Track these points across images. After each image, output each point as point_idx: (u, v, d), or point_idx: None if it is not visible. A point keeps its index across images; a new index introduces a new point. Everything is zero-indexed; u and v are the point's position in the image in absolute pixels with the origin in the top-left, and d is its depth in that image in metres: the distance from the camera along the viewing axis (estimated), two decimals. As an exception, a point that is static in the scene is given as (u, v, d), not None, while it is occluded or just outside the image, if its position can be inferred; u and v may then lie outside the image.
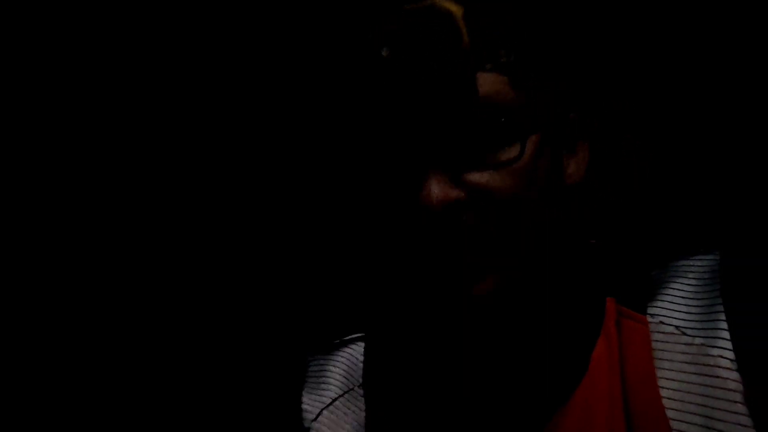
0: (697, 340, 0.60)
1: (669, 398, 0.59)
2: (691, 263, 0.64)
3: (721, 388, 0.57)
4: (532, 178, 0.59)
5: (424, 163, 0.57)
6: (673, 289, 0.63)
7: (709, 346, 0.59)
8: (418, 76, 0.56)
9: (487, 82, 0.57)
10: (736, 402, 0.56)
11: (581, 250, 0.68)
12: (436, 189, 0.56)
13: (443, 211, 0.56)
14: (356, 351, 0.71)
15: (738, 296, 0.60)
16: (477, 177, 0.57)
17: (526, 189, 0.58)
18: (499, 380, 0.62)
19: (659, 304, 0.63)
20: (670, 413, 0.58)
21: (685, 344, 0.60)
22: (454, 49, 0.56)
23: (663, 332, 0.61)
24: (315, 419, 0.67)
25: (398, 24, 0.57)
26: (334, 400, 0.68)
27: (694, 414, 0.57)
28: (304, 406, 0.68)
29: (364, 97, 0.58)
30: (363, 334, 0.72)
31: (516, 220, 0.58)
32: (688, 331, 0.60)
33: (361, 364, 0.70)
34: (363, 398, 0.67)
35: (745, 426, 0.56)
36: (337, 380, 0.69)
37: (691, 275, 0.63)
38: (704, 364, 0.58)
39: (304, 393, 0.69)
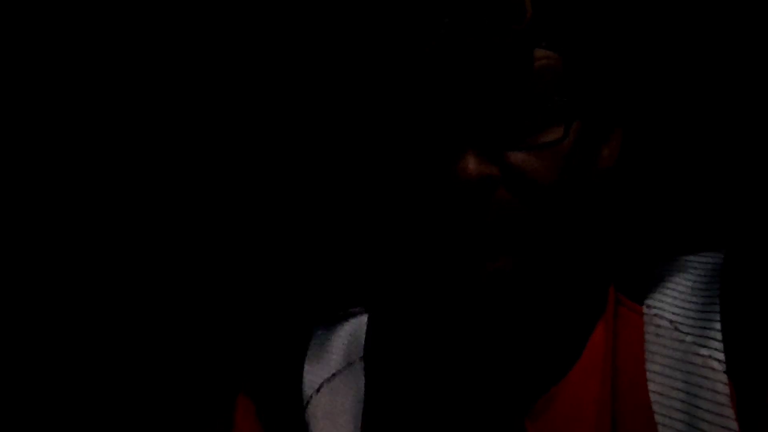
0: (689, 338, 0.60)
1: (655, 392, 0.59)
2: (696, 259, 0.64)
3: (709, 389, 0.57)
4: (570, 164, 0.58)
5: (465, 135, 0.56)
6: (674, 283, 0.63)
7: (699, 345, 0.59)
8: (478, 45, 0.54)
9: (542, 57, 0.56)
10: (722, 405, 0.57)
11: (597, 236, 0.68)
12: (474, 162, 0.55)
13: (478, 184, 0.55)
14: (359, 322, 0.72)
15: (735, 299, 0.59)
16: (516, 156, 0.56)
17: (562, 174, 0.57)
18: (499, 357, 0.63)
19: (657, 296, 0.63)
20: (655, 406, 0.59)
21: (676, 340, 0.60)
22: (518, 20, 0.54)
23: (656, 325, 0.62)
24: (315, 392, 0.68)
25: None
26: (335, 374, 0.69)
27: (679, 411, 0.58)
28: (305, 377, 0.69)
29: (417, 66, 0.56)
30: (367, 306, 0.73)
31: (547, 204, 0.57)
32: (681, 327, 0.60)
33: (363, 336, 0.71)
34: (363, 372, 0.69)
35: (731, 430, 0.56)
36: (339, 352, 0.70)
37: (693, 271, 0.63)
38: (693, 363, 0.59)
39: (306, 363, 0.70)
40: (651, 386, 0.59)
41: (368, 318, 0.72)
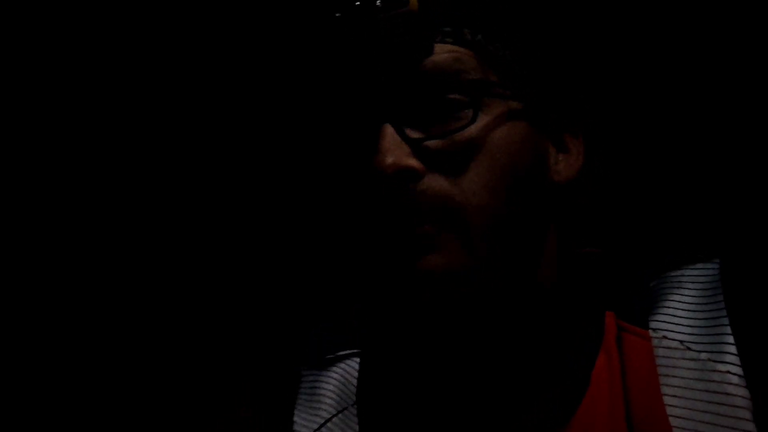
0: (703, 355, 0.58)
1: (675, 416, 0.56)
2: (691, 273, 0.62)
3: (729, 405, 0.55)
4: (492, 153, 0.57)
5: (378, 126, 0.56)
6: (674, 301, 0.61)
7: (715, 362, 0.57)
8: (367, 39, 0.56)
9: (444, 51, 0.57)
10: (744, 419, 0.54)
11: (577, 259, 0.66)
12: (390, 155, 0.55)
13: (395, 177, 0.55)
14: (350, 367, 0.68)
15: (743, 307, 0.58)
16: (430, 144, 0.56)
17: (481, 161, 0.56)
18: (495, 399, 0.60)
19: (661, 317, 0.61)
20: (677, 431, 0.56)
21: (690, 359, 0.58)
22: (403, 15, 0.56)
23: (667, 347, 0.59)
24: None
25: None
26: (328, 420, 0.65)
27: None
28: (296, 426, 0.65)
29: (319, 60, 0.58)
30: (358, 350, 0.70)
31: (467, 193, 0.56)
32: (693, 346, 0.58)
33: (355, 381, 0.67)
34: (357, 418, 0.65)
35: None
36: (331, 398, 0.66)
37: (692, 285, 0.61)
38: (711, 380, 0.56)
39: (296, 410, 0.66)
40: (670, 410, 0.57)
41: (360, 361, 0.69)
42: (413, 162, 0.55)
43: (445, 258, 0.55)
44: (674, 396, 0.57)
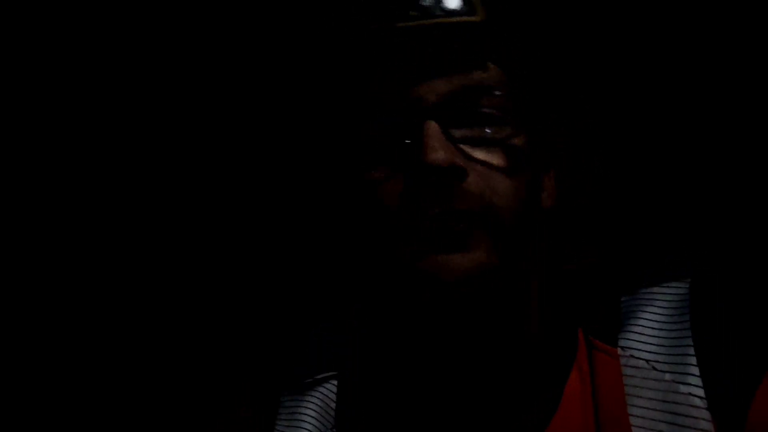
0: (667, 376, 0.59)
1: None
2: (662, 291, 0.63)
3: (693, 428, 0.56)
4: (517, 169, 0.59)
5: (421, 123, 0.58)
6: (643, 319, 0.62)
7: (678, 383, 0.58)
8: (426, 38, 0.58)
9: (491, 68, 0.60)
10: None
11: (555, 277, 0.67)
12: (441, 151, 0.57)
13: (447, 171, 0.56)
14: (328, 391, 0.70)
15: (707, 328, 0.58)
16: (470, 147, 0.59)
17: (509, 174, 0.59)
18: (476, 408, 0.61)
19: (629, 336, 0.62)
20: None
21: (655, 380, 0.59)
22: (465, 24, 0.59)
23: (634, 366, 0.60)
24: None
25: None
26: None
27: None
28: None
29: (378, 57, 0.59)
30: (335, 373, 0.71)
31: (502, 198, 0.58)
32: (658, 366, 0.59)
33: (333, 405, 0.68)
34: None
35: None
36: (310, 423, 0.68)
37: (661, 304, 0.62)
38: (674, 402, 0.57)
39: None
40: (635, 430, 0.58)
41: (338, 384, 0.70)
42: (460, 160, 0.58)
43: (477, 256, 0.57)
44: (639, 416, 0.58)
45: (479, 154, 0.59)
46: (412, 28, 0.58)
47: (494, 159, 0.59)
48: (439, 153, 0.56)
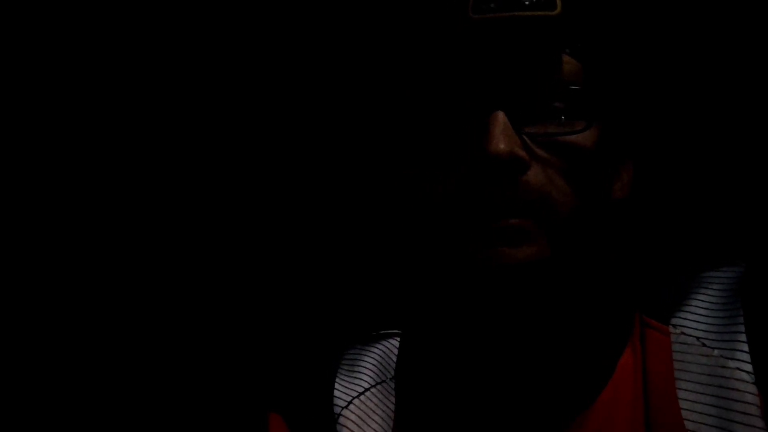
0: (716, 352, 0.60)
1: (687, 409, 0.59)
2: (717, 274, 0.65)
3: (739, 401, 0.58)
4: (583, 162, 0.60)
5: (489, 113, 0.58)
6: (697, 299, 0.64)
7: (727, 358, 0.60)
8: (501, 29, 0.58)
9: (565, 61, 0.60)
10: (752, 415, 0.57)
11: (619, 261, 0.70)
12: (505, 142, 0.57)
13: (508, 164, 0.57)
14: (391, 345, 0.73)
15: (759, 309, 0.60)
16: (535, 140, 0.59)
17: (574, 168, 0.60)
18: (527, 378, 0.64)
19: (682, 314, 0.64)
20: (688, 425, 0.59)
21: (703, 355, 0.61)
22: (543, 18, 0.58)
23: (684, 343, 0.62)
24: (346, 407, 0.69)
25: None
26: (366, 389, 0.70)
27: (711, 426, 0.58)
28: (336, 393, 0.70)
29: (448, 51, 0.59)
30: (399, 331, 0.74)
31: (561, 193, 0.59)
32: (708, 342, 0.61)
33: (394, 358, 0.72)
34: (394, 391, 0.70)
35: None
36: (371, 371, 0.71)
37: (715, 286, 0.64)
38: (722, 376, 0.59)
39: (337, 380, 0.71)
40: (682, 404, 0.60)
41: (401, 341, 0.73)
42: (524, 153, 0.58)
43: (534, 250, 0.58)
44: (686, 390, 0.60)
45: (545, 148, 0.59)
46: (489, 20, 0.57)
47: (559, 153, 0.59)
48: (502, 144, 0.56)
